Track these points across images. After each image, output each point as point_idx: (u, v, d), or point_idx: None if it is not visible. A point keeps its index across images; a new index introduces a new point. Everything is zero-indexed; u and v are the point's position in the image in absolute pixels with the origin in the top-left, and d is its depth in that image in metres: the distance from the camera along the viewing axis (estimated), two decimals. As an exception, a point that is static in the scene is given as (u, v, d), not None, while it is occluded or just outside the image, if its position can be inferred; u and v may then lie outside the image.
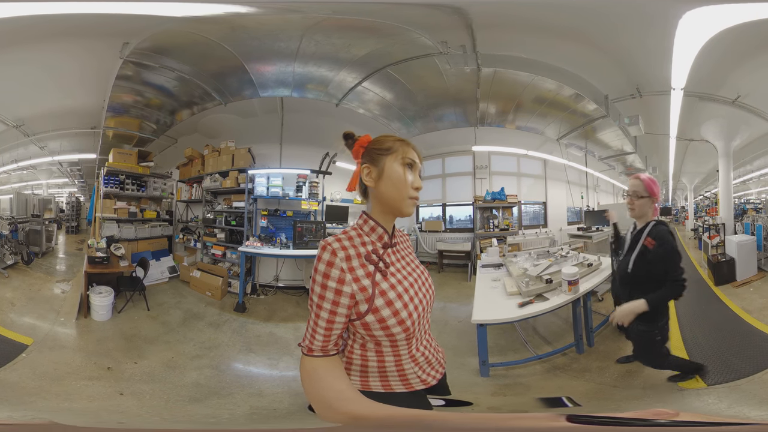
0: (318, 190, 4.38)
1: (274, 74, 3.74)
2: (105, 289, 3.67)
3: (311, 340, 1.20)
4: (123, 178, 4.28)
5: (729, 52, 3.15)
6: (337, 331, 1.19)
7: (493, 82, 3.82)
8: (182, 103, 4.17)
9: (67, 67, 3.51)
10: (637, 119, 3.90)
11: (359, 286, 1.18)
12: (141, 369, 3.02)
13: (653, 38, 3.18)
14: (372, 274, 1.21)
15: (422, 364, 1.31)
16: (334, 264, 1.16)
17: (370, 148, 1.29)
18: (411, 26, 3.16)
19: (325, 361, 1.20)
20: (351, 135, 1.35)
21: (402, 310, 1.20)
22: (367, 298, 1.18)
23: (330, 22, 3.16)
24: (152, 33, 3.29)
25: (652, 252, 2.38)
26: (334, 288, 1.16)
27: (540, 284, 3.11)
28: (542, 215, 4.71)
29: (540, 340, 3.36)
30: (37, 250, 4.15)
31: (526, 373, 2.93)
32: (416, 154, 1.30)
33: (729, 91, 3.53)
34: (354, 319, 1.20)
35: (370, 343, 1.24)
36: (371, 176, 1.26)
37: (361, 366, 1.26)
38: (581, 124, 4.21)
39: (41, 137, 3.97)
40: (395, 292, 1.22)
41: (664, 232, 2.38)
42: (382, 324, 1.19)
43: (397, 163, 1.25)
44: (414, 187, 1.25)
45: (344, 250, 1.19)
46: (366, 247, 1.24)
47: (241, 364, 3.31)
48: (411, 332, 1.23)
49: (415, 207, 1.28)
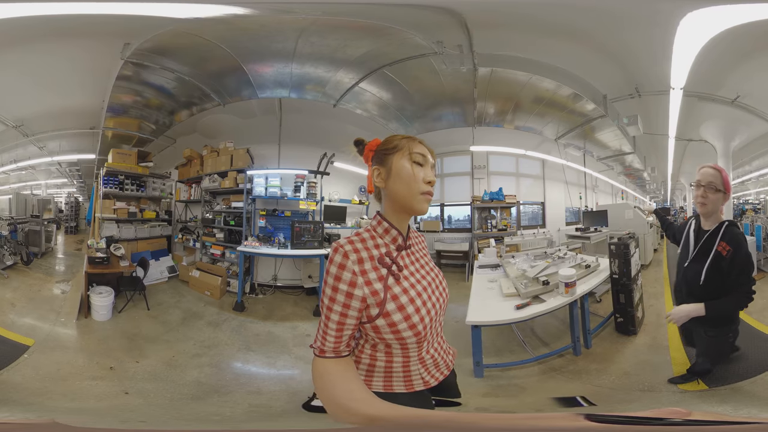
0: (316, 190, 4.38)
1: (273, 75, 3.74)
2: (105, 289, 3.69)
3: (323, 342, 1.18)
4: (122, 178, 4.29)
5: (729, 52, 3.13)
6: (348, 332, 1.18)
7: (491, 82, 3.80)
8: (181, 104, 4.18)
9: (66, 68, 3.51)
10: (636, 119, 3.87)
11: (371, 289, 1.16)
12: (143, 368, 3.04)
13: (653, 38, 3.15)
14: (384, 277, 1.19)
15: (429, 366, 1.30)
16: (345, 266, 1.14)
17: (378, 150, 1.28)
18: (402, 26, 3.15)
19: (337, 363, 1.18)
20: (361, 141, 1.33)
21: (414, 314, 1.19)
22: (378, 302, 1.16)
23: (324, 23, 3.15)
24: (154, 34, 3.29)
25: (726, 260, 2.12)
26: (345, 291, 1.14)
27: (537, 286, 3.08)
28: (540, 215, 4.70)
29: (537, 342, 3.34)
30: (36, 250, 4.17)
31: (522, 374, 2.92)
32: (425, 148, 1.27)
33: (728, 91, 3.51)
34: (364, 322, 1.19)
35: (381, 345, 1.24)
36: (381, 177, 1.25)
37: (368, 366, 1.26)
38: (579, 124, 4.19)
39: (40, 137, 3.99)
40: (407, 297, 1.20)
41: (739, 236, 2.12)
42: (393, 328, 1.17)
43: (404, 159, 1.22)
44: (426, 181, 1.21)
45: (356, 253, 1.17)
46: (379, 250, 1.22)
47: (240, 363, 3.33)
48: (422, 336, 1.22)
49: (428, 203, 1.23)
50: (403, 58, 3.54)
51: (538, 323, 3.42)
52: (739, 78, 3.40)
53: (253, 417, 2.64)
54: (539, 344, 3.30)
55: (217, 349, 3.42)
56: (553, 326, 3.43)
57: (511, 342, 3.31)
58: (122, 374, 2.94)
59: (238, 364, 3.32)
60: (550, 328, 3.43)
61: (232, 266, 4.31)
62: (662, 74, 3.52)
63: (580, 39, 3.34)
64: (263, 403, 2.77)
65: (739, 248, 2.09)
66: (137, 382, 2.88)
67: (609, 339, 3.25)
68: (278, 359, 3.30)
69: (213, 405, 2.72)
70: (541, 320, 3.29)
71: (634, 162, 4.56)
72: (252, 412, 2.69)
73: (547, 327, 3.44)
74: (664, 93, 3.67)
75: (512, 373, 2.93)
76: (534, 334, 3.42)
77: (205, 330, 3.67)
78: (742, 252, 2.09)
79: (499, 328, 3.24)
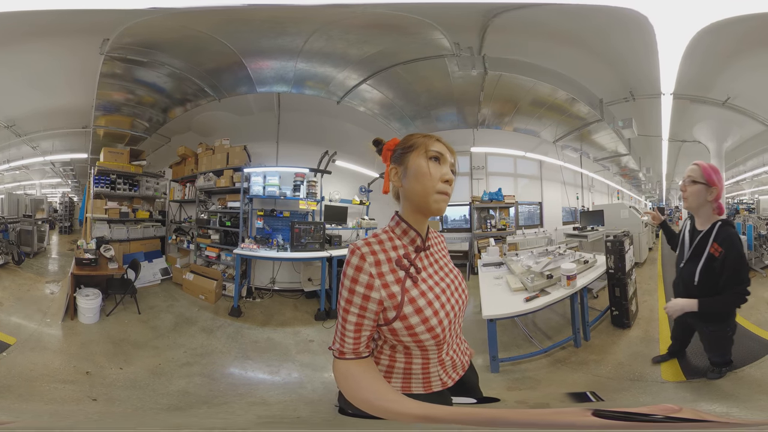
0: (316, 190, 4.29)
1: (275, 70, 3.71)
2: (92, 292, 3.57)
3: (342, 344, 1.16)
4: (114, 177, 4.19)
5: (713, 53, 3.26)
6: (366, 333, 1.16)
7: (497, 86, 3.87)
8: (175, 100, 4.12)
9: (54, 66, 3.47)
10: (631, 122, 3.99)
11: (388, 292, 1.14)
12: (124, 375, 2.91)
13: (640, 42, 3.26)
14: (402, 280, 1.17)
15: (448, 367, 1.29)
16: (362, 269, 1.13)
17: (396, 149, 1.25)
18: (436, 25, 3.18)
19: (359, 364, 1.17)
20: (380, 141, 1.30)
21: (432, 317, 1.17)
22: (396, 305, 1.14)
23: (353, 20, 3.15)
24: (139, 28, 3.22)
25: (719, 260, 2.14)
26: (362, 293, 1.12)
27: (542, 280, 3.21)
28: (537, 215, 4.77)
29: (541, 335, 3.42)
30: (28, 250, 4.08)
31: (532, 367, 2.97)
32: (443, 145, 1.23)
33: (719, 93, 3.64)
34: (381, 324, 1.17)
35: (400, 347, 1.22)
36: (398, 176, 1.22)
37: (387, 366, 1.24)
38: (577, 128, 4.29)
39: (33, 137, 3.93)
40: (425, 300, 1.18)
41: (732, 236, 2.13)
42: (410, 331, 1.16)
43: (420, 157, 1.19)
44: (443, 180, 1.17)
45: (374, 255, 1.15)
46: (397, 251, 1.20)
47: (237, 371, 3.19)
48: (441, 339, 1.20)
49: (446, 203, 1.19)
50: (418, 58, 3.56)
51: (540, 318, 3.55)
52: (728, 79, 3.54)
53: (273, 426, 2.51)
54: (543, 338, 3.38)
55: (210, 358, 3.28)
56: (554, 320, 3.53)
57: (516, 337, 3.36)
58: (98, 380, 2.82)
59: (234, 373, 3.17)
60: (552, 323, 3.52)
61: (228, 269, 4.20)
62: (654, 78, 3.64)
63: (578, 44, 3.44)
64: (274, 414, 2.65)
65: (730, 249, 2.11)
66: (113, 389, 2.75)
67: (606, 332, 3.38)
68: (281, 367, 3.17)
69: (195, 416, 2.58)
70: (543, 315, 3.44)
71: (629, 163, 4.68)
72: (266, 423, 2.56)
73: (549, 321, 3.54)
74: (656, 96, 3.79)
75: (523, 366, 2.97)
76: (537, 328, 3.51)
77: (197, 336, 3.54)
78: (733, 253, 2.10)
79: (503, 325, 3.29)
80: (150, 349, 3.28)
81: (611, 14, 3.06)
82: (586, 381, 2.80)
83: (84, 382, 2.75)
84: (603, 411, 0.92)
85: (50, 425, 2.09)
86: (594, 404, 2.50)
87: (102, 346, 3.25)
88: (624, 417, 0.94)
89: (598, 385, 2.74)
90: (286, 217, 4.26)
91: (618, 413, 0.94)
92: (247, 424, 2.46)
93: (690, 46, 3.17)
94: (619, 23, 3.12)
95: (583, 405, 2.55)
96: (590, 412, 0.95)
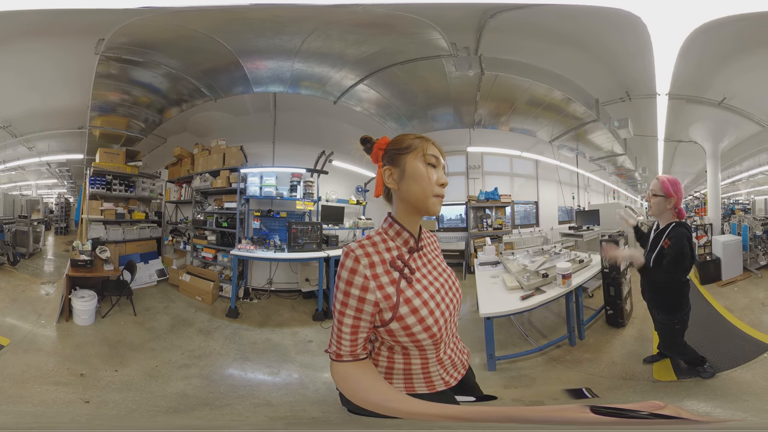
0: (313, 190, 4.28)
1: (272, 70, 3.70)
2: (88, 293, 3.56)
3: (338, 346, 1.17)
4: (110, 178, 4.16)
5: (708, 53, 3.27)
6: (363, 335, 1.17)
7: (494, 86, 3.88)
8: (171, 101, 4.10)
9: (47, 67, 3.46)
10: (627, 122, 4.00)
11: (383, 293, 1.15)
12: (120, 377, 2.88)
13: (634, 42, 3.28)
14: (397, 280, 1.18)
15: (447, 366, 1.30)
16: (357, 271, 1.13)
17: (390, 149, 1.24)
18: (434, 25, 3.19)
19: (357, 366, 1.17)
20: (369, 139, 1.30)
21: (428, 317, 1.18)
22: (392, 306, 1.15)
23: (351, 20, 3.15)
24: (132, 28, 3.20)
25: (665, 252, 2.52)
26: (357, 295, 1.13)
27: (538, 278, 3.23)
28: (533, 214, 4.79)
29: (536, 334, 3.45)
30: (24, 251, 4.06)
31: (528, 365, 3.01)
32: (438, 149, 1.25)
33: (715, 93, 3.66)
34: (378, 326, 1.17)
35: (397, 347, 1.23)
36: (393, 178, 1.22)
37: (386, 368, 1.25)
38: (573, 128, 4.30)
39: (29, 138, 3.92)
40: (420, 300, 1.19)
41: (680, 234, 2.49)
42: (407, 331, 1.17)
43: (418, 160, 1.20)
44: (439, 183, 1.20)
45: (368, 257, 1.16)
46: (391, 253, 1.21)
47: (236, 373, 3.18)
48: (438, 338, 1.21)
49: (441, 205, 1.22)
50: (416, 58, 3.57)
51: (535, 317, 3.59)
52: (724, 80, 3.55)
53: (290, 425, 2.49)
54: (539, 336, 3.41)
55: (208, 359, 3.26)
56: (549, 319, 3.56)
57: (512, 336, 3.39)
58: (92, 382, 2.79)
59: (234, 374, 3.16)
60: (547, 321, 3.55)
61: (225, 270, 4.18)
62: (650, 78, 3.66)
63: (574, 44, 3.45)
64: (282, 415, 2.63)
65: (675, 243, 2.48)
66: (107, 391, 2.72)
67: (600, 331, 3.43)
68: (281, 368, 3.16)
69: (197, 418, 2.56)
70: (538, 314, 3.48)
71: (625, 162, 4.70)
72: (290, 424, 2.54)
73: (544, 320, 3.57)
74: (652, 96, 3.80)
75: (519, 364, 3.00)
76: (533, 327, 3.54)
77: (195, 338, 3.52)
78: (676, 247, 2.48)
79: (499, 323, 3.30)
80: (146, 351, 3.26)
81: (605, 15, 3.07)
82: (580, 379, 2.86)
83: (77, 384, 2.74)
84: (597, 407, 0.95)
85: (31, 426, 2.08)
86: (590, 400, 2.53)
87: (97, 348, 3.22)
88: (614, 413, 0.96)
89: (591, 383, 2.78)
90: (283, 218, 4.24)
91: (609, 409, 0.96)
92: (262, 424, 2.44)
93: (684, 46, 3.18)
94: (613, 24, 3.14)
95: (582, 401, 2.58)
96: (588, 408, 0.97)
